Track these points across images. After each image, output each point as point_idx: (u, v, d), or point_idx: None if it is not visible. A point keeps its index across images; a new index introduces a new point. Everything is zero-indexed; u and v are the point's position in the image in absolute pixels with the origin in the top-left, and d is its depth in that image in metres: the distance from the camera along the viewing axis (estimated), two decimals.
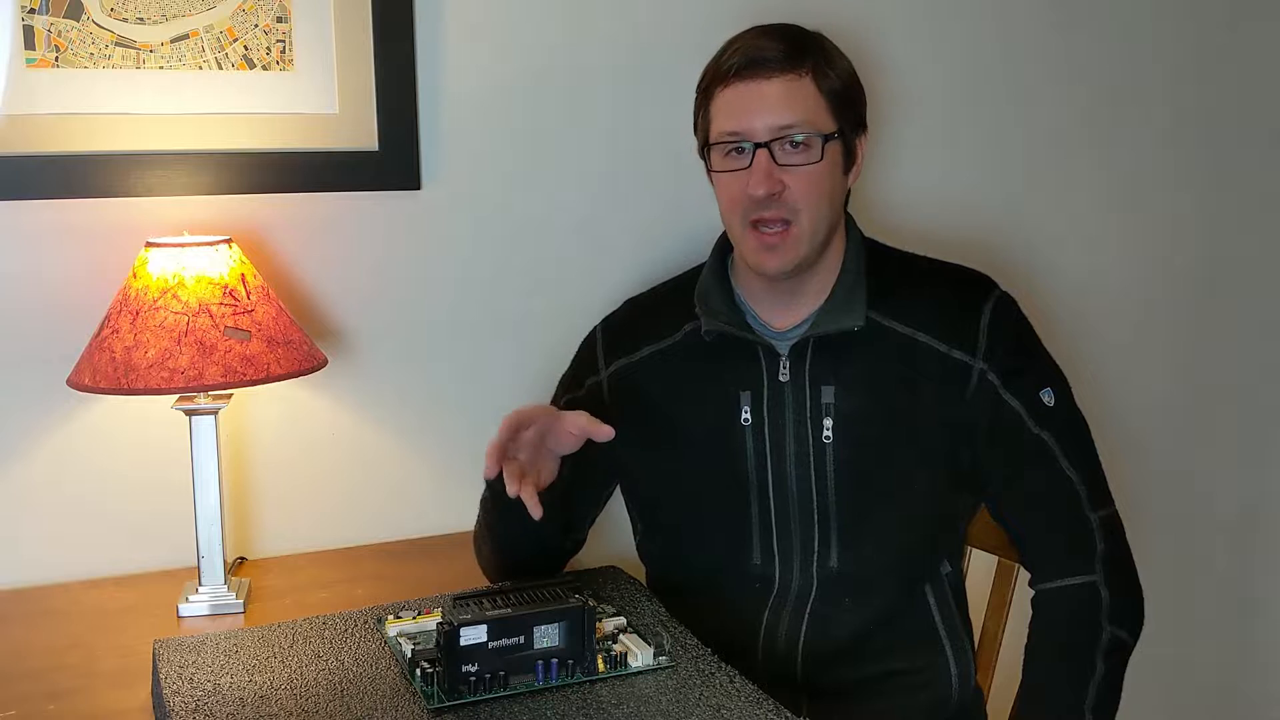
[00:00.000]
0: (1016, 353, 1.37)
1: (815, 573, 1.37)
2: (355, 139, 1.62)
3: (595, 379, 1.47)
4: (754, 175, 1.30)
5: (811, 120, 1.30)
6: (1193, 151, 2.17)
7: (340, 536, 1.69)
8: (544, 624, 1.13)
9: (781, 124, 1.29)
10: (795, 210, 1.31)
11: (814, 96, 1.30)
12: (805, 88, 1.30)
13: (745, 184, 1.31)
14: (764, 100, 1.30)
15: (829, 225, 1.35)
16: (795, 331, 1.39)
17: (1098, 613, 1.33)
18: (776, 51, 1.30)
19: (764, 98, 1.30)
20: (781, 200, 1.30)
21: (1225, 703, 2.39)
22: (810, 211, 1.31)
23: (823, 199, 1.32)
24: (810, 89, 1.30)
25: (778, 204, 1.30)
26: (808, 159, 1.30)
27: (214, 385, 1.36)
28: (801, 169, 1.30)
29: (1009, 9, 1.99)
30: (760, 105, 1.30)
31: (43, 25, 1.48)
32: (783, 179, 1.30)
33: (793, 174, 1.30)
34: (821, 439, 1.36)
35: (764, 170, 1.29)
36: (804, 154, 1.30)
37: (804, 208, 1.31)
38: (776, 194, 1.30)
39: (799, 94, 1.30)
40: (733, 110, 1.32)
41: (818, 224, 1.33)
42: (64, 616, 1.44)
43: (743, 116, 1.31)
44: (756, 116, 1.30)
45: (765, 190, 1.29)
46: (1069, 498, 1.36)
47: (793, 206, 1.31)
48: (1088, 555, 1.35)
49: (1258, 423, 2.33)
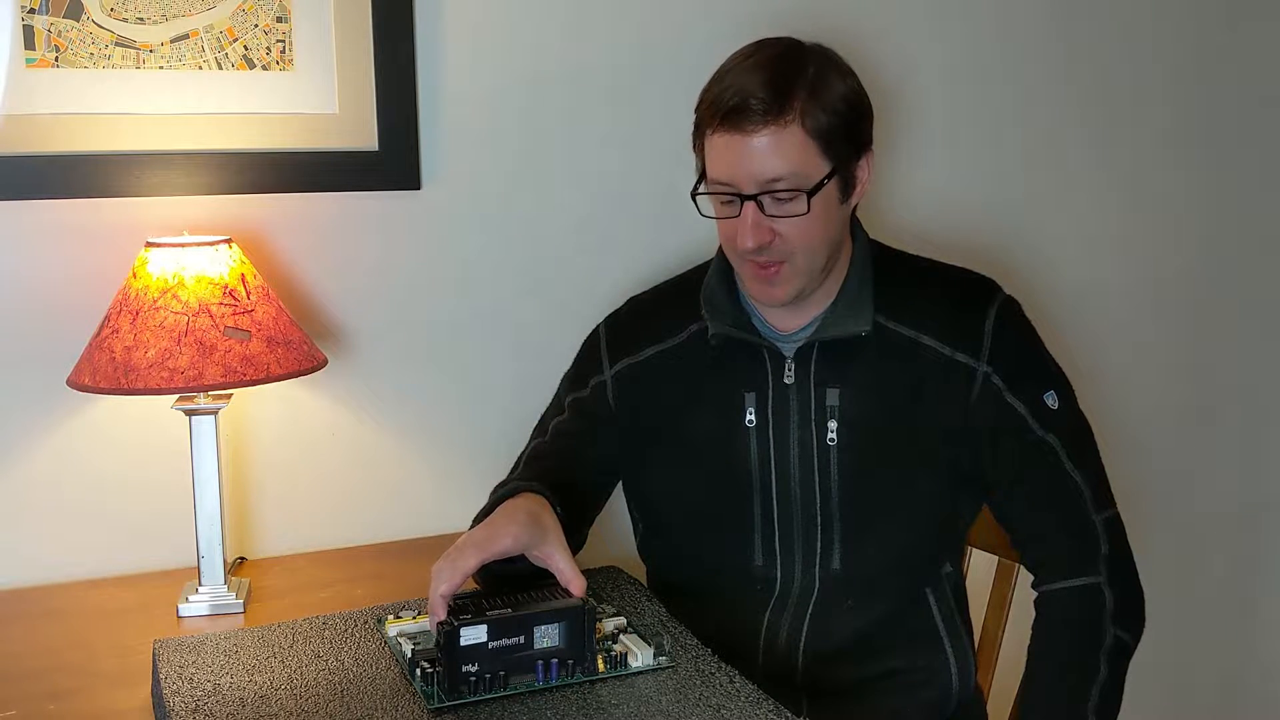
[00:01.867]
0: (1020, 355, 1.37)
1: (817, 574, 1.37)
2: (355, 139, 1.62)
3: (600, 379, 1.46)
4: (742, 228, 1.29)
5: (798, 170, 1.27)
6: (1193, 151, 2.17)
7: (340, 536, 1.69)
8: (544, 624, 1.13)
9: (767, 178, 1.27)
10: (788, 254, 1.30)
11: (800, 144, 1.26)
12: (791, 136, 1.26)
13: (737, 233, 1.30)
14: (749, 155, 1.27)
15: (828, 256, 1.34)
16: (801, 334, 1.39)
17: (1101, 614, 1.33)
18: (762, 97, 1.25)
19: (749, 152, 1.27)
20: (773, 247, 1.30)
21: (1225, 703, 2.39)
22: (804, 253, 1.31)
23: (816, 240, 1.31)
24: (797, 137, 1.26)
25: (769, 250, 1.30)
26: (797, 210, 1.28)
27: (214, 385, 1.36)
28: (789, 220, 1.29)
29: (1009, 9, 1.99)
30: (745, 158, 1.27)
31: (43, 25, 1.48)
32: (773, 228, 1.29)
33: (782, 223, 1.29)
34: (826, 441, 1.36)
35: (752, 223, 1.28)
36: (792, 205, 1.28)
37: (799, 249, 1.30)
38: (767, 243, 1.29)
39: (784, 145, 1.26)
40: (721, 159, 1.29)
41: (814, 261, 1.32)
42: (64, 616, 1.44)
43: (730, 168, 1.29)
44: (742, 171, 1.27)
45: (754, 243, 1.29)
46: (1073, 500, 1.36)
47: (786, 250, 1.30)
48: (1091, 557, 1.35)
49: (1258, 423, 2.33)
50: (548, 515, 1.24)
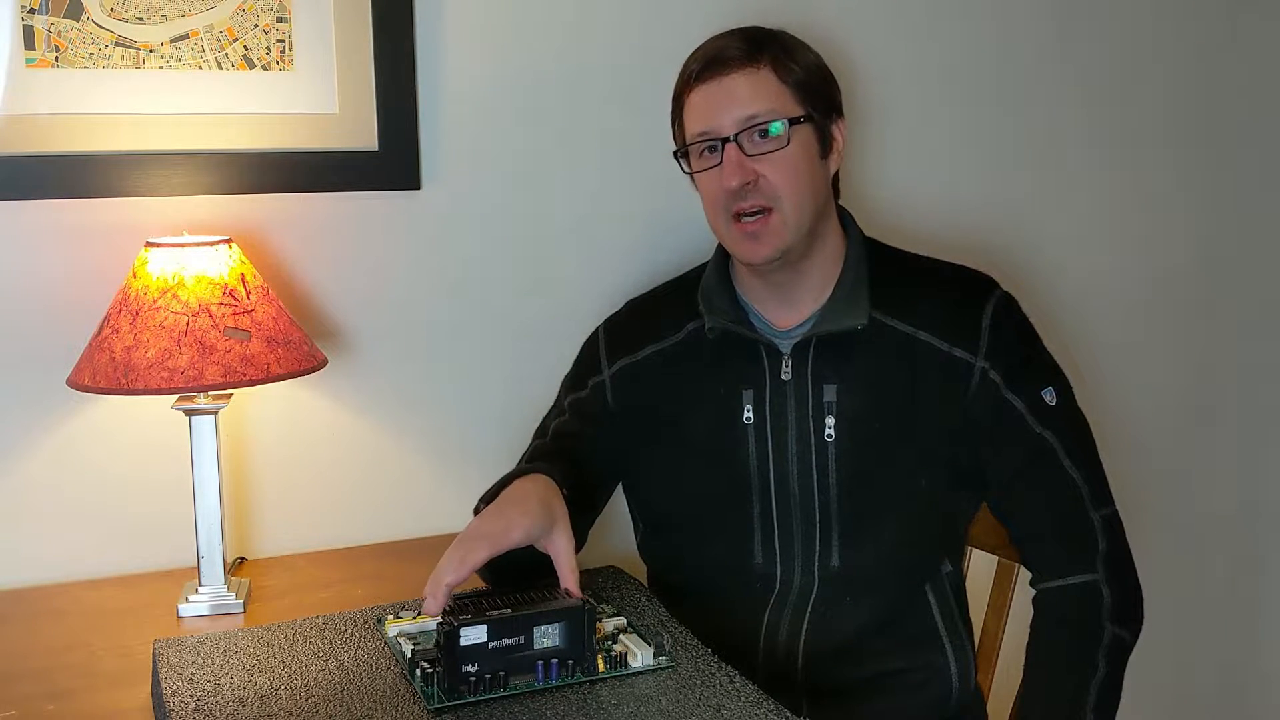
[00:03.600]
0: (1018, 352, 1.38)
1: (817, 572, 1.38)
2: (355, 139, 1.62)
3: (598, 379, 1.47)
4: (725, 168, 1.32)
5: (774, 108, 1.32)
6: (1193, 151, 2.17)
7: (340, 536, 1.69)
8: (544, 624, 1.12)
9: (745, 115, 1.32)
10: (773, 197, 1.32)
11: (775, 85, 1.33)
12: (765, 78, 1.32)
13: (720, 179, 1.32)
14: (726, 95, 1.33)
15: (813, 211, 1.35)
16: (798, 330, 1.39)
17: (1099, 612, 1.33)
18: (735, 49, 1.33)
19: (726, 92, 1.33)
20: (757, 188, 1.32)
21: (1226, 703, 2.39)
22: (790, 197, 1.32)
23: (800, 182, 1.33)
24: (770, 79, 1.33)
25: (754, 192, 1.32)
26: (777, 145, 1.32)
27: (214, 385, 1.36)
28: (772, 155, 1.32)
29: (1008, 9, 1.99)
30: (723, 100, 1.33)
31: (42, 25, 1.48)
32: (755, 168, 1.32)
33: (764, 162, 1.32)
34: (824, 438, 1.36)
35: (735, 162, 1.32)
36: (772, 141, 1.32)
37: (782, 193, 1.32)
38: (751, 183, 1.32)
39: (759, 84, 1.32)
40: (699, 111, 1.35)
41: (800, 209, 1.33)
42: (64, 616, 1.44)
43: (709, 115, 1.34)
44: (721, 112, 1.33)
45: (738, 180, 1.31)
46: (1071, 497, 1.36)
47: (770, 194, 1.32)
48: (1089, 554, 1.35)
49: (1258, 423, 2.33)
50: (557, 501, 1.24)
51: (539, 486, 1.25)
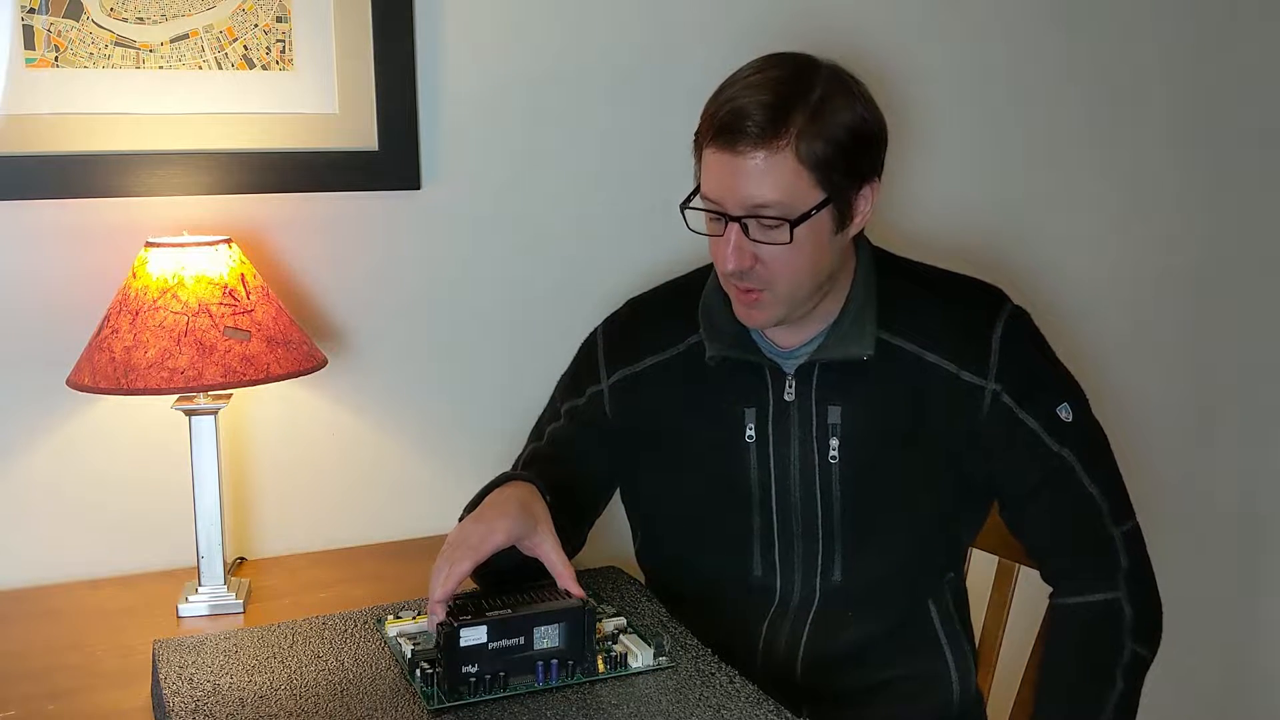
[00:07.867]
0: (1030, 371, 1.34)
1: (818, 585, 1.36)
2: (355, 139, 1.62)
3: (596, 388, 1.44)
4: (725, 249, 1.26)
5: (786, 199, 1.22)
6: (1193, 151, 2.17)
7: (340, 536, 1.69)
8: (544, 625, 1.13)
9: (754, 203, 1.23)
10: (769, 282, 1.27)
11: (792, 171, 1.22)
12: (783, 162, 1.22)
13: (722, 251, 1.27)
14: (738, 176, 1.23)
15: (813, 287, 1.30)
16: (803, 350, 1.35)
17: (1120, 630, 1.31)
18: (756, 121, 1.21)
19: (739, 174, 1.23)
20: (754, 273, 1.27)
21: (1226, 703, 2.39)
22: (785, 284, 1.27)
23: (799, 273, 1.27)
24: (789, 163, 1.22)
25: (750, 276, 1.27)
26: (779, 239, 1.25)
27: (214, 385, 1.36)
28: (772, 247, 1.25)
29: (1009, 9, 1.99)
30: (735, 181, 1.23)
31: (42, 25, 1.48)
32: (755, 253, 1.26)
33: (764, 250, 1.26)
34: (828, 459, 1.34)
35: (734, 246, 1.25)
36: (776, 233, 1.25)
37: (778, 281, 1.27)
38: (748, 268, 1.26)
39: (774, 170, 1.22)
40: (713, 176, 1.26)
41: (796, 291, 1.28)
42: (64, 616, 1.44)
43: (719, 188, 1.25)
44: (730, 192, 1.24)
45: (735, 266, 1.26)
46: (1091, 514, 1.33)
47: (766, 279, 1.27)
48: (1111, 572, 1.33)
49: (1258, 423, 2.33)
50: (538, 504, 1.23)
51: (519, 491, 1.25)
